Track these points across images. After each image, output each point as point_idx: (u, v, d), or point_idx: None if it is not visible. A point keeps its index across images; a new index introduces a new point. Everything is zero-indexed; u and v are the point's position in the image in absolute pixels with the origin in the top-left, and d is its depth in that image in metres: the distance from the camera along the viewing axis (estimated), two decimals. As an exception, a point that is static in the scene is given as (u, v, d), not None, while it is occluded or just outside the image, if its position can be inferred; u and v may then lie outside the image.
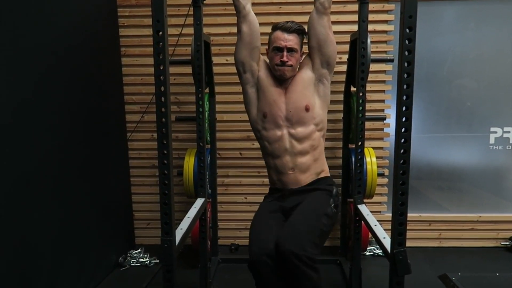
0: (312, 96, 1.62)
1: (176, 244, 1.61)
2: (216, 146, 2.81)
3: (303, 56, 1.69)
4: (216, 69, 2.77)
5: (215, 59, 2.73)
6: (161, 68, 1.44)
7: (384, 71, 2.87)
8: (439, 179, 3.08)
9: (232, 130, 2.94)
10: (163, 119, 1.48)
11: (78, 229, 2.27)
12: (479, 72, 2.93)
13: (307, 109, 1.60)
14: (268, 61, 1.68)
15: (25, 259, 1.82)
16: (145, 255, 2.88)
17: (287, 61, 1.59)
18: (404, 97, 1.43)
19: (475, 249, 3.01)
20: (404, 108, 1.43)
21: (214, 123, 2.71)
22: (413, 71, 1.41)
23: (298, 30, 1.65)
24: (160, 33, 1.42)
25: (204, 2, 2.28)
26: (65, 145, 2.15)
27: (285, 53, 1.60)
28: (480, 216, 3.01)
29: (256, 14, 2.78)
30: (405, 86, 1.42)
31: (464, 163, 3.02)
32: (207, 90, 2.67)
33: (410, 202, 1.46)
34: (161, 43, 1.42)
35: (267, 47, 1.70)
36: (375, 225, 1.93)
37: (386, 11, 2.80)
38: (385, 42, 2.84)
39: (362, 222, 2.22)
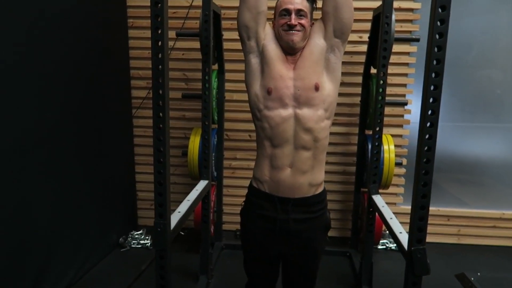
0: (322, 73, 1.41)
1: (172, 228, 1.48)
2: (224, 127, 2.66)
3: (314, 24, 1.50)
4: (226, 45, 2.59)
5: (226, 34, 2.56)
6: (159, 32, 1.28)
7: (407, 53, 2.66)
8: (461, 172, 2.88)
9: (241, 110, 2.78)
10: (160, 91, 1.33)
11: (76, 205, 2.17)
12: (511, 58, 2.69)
13: (316, 88, 1.39)
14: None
15: (21, 232, 1.73)
16: (147, 237, 2.78)
17: (296, 25, 1.39)
18: (432, 87, 1.26)
19: (497, 248, 2.82)
20: (431, 100, 1.26)
21: (222, 102, 2.55)
22: (444, 57, 1.23)
23: None
24: (159, 5, 1.26)
25: (215, -31, 2.11)
26: (66, 118, 2.04)
27: (293, 15, 1.40)
28: (503, 213, 2.80)
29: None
30: (433, 75, 1.25)
31: (488, 155, 2.81)
32: (216, 67, 2.52)
33: None
34: (160, 17, 1.27)
35: (272, 20, 1.53)
36: (391, 218, 1.77)
37: (413, -13, 2.58)
38: (410, 21, 2.62)
39: (376, 213, 2.06)
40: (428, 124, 1.28)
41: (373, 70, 2.45)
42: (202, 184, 2.08)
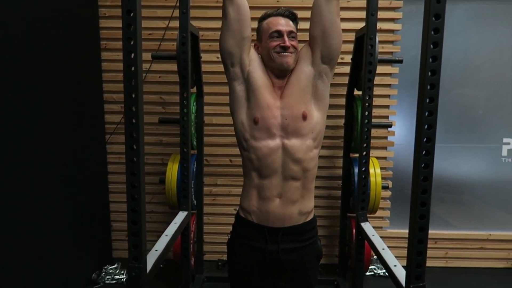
0: (309, 101, 1.33)
1: (148, 271, 1.33)
2: (204, 152, 2.54)
3: (300, 50, 1.43)
4: (205, 67, 2.50)
5: (204, 56, 2.47)
6: (132, 56, 1.17)
7: (389, 74, 2.63)
8: (447, 193, 2.84)
9: (221, 134, 2.67)
10: (134, 120, 1.20)
11: (45, 237, 1.98)
12: (493, 78, 2.69)
13: (304, 117, 1.31)
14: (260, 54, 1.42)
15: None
16: (122, 271, 2.59)
17: (289, 46, 1.31)
18: (427, 114, 1.18)
19: (484, 270, 2.77)
20: (426, 127, 1.18)
21: (201, 126, 2.44)
22: (439, 80, 1.16)
23: (293, 16, 1.39)
24: (132, 14, 1.15)
25: (193, -11, 2.02)
26: (35, 146, 1.88)
27: (285, 37, 1.33)
28: (490, 234, 2.76)
29: (251, 8, 2.56)
30: (427, 100, 1.17)
31: (474, 176, 2.78)
32: (194, 90, 2.41)
33: None
34: (132, 26, 1.16)
35: (256, 43, 1.44)
36: (383, 249, 1.67)
37: (393, 9, 2.56)
38: (391, 42, 2.60)
39: (366, 241, 1.97)
40: (424, 152, 1.20)
41: (357, 92, 2.39)
42: (181, 216, 1.94)
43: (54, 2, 2.05)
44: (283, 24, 1.35)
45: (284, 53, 1.32)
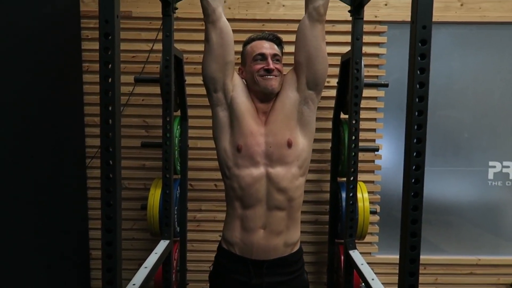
0: (295, 127, 1.29)
1: (124, 308, 1.24)
2: (188, 177, 2.46)
3: (286, 75, 1.40)
4: (189, 90, 2.46)
5: (189, 79, 2.42)
6: (110, 81, 1.11)
7: (375, 98, 2.62)
8: (435, 217, 2.80)
9: (206, 158, 2.60)
10: (111, 148, 1.14)
11: (20, 268, 1.86)
12: (477, 101, 2.71)
13: (289, 145, 1.27)
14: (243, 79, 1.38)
15: None
16: (100, 303, 2.46)
17: (273, 69, 1.28)
18: (415, 140, 1.15)
19: (474, 296, 2.72)
20: (415, 154, 1.15)
21: (186, 150, 2.38)
22: (427, 106, 1.14)
23: (277, 40, 1.37)
24: (110, 37, 1.10)
25: (176, 12, 1.99)
26: (10, 169, 1.79)
27: (269, 60, 1.30)
28: (479, 259, 2.72)
29: (236, 31, 2.55)
30: (416, 127, 1.15)
31: (462, 199, 2.76)
32: (178, 113, 2.36)
33: None
34: (110, 50, 1.10)
35: (240, 67, 1.41)
36: (373, 279, 1.61)
37: (378, 33, 2.58)
38: (376, 66, 2.60)
39: (355, 270, 1.90)
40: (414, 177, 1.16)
41: (343, 116, 2.37)
42: (162, 245, 1.86)
43: (34, 23, 1.99)
44: (267, 47, 1.33)
45: (268, 76, 1.28)
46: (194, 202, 2.64)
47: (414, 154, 1.15)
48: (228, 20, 1.35)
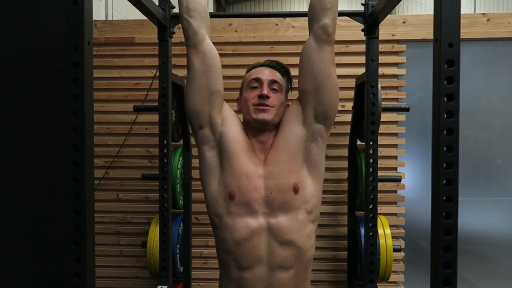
0: (301, 169, 1.07)
1: None
2: (192, 210, 2.29)
3: (289, 106, 1.21)
4: (193, 118, 2.30)
5: (193, 106, 2.28)
6: (78, 116, 0.96)
7: (395, 122, 2.40)
8: (466, 249, 2.52)
9: (213, 190, 2.42)
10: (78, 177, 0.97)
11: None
12: (507, 123, 2.46)
13: (295, 190, 1.05)
14: (238, 109, 1.20)
15: None
16: None
17: (268, 96, 1.09)
18: (445, 165, 0.93)
19: None
20: (445, 182, 0.94)
21: (189, 182, 2.21)
22: (457, 140, 0.93)
23: (282, 69, 1.18)
24: (80, 67, 0.95)
25: (176, 37, 1.86)
26: (13, 201, 1.66)
27: (265, 86, 1.11)
28: (519, 300, 2.41)
29: (243, 55, 2.40)
30: (445, 148, 0.94)
31: (495, 231, 2.48)
32: (181, 143, 2.20)
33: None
34: (79, 83, 0.95)
35: (238, 98, 1.23)
36: None
37: (396, 53, 2.39)
38: (396, 88, 2.40)
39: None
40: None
41: (360, 143, 2.17)
42: (159, 292, 1.67)
43: (27, 52, 1.90)
44: (266, 73, 1.14)
45: (261, 107, 1.09)
46: (200, 237, 2.45)
47: (444, 182, 0.93)
48: (235, 43, 1.19)
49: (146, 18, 1.60)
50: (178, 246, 2.09)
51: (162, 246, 1.75)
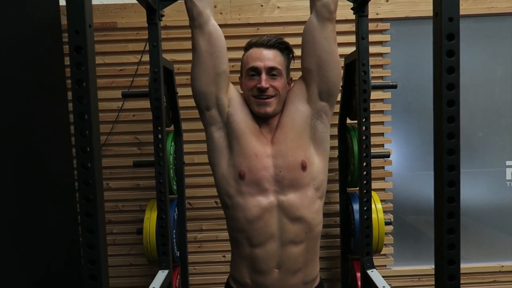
0: (308, 146, 1.10)
1: None
2: (185, 195, 2.29)
3: (292, 84, 1.21)
4: (182, 102, 2.28)
5: (181, 91, 2.25)
6: (85, 102, 0.94)
7: (381, 100, 2.45)
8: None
9: (204, 174, 2.42)
10: (88, 164, 0.96)
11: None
12: (488, 98, 2.55)
13: (303, 167, 1.08)
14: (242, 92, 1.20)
15: None
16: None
17: (267, 88, 1.09)
18: (447, 136, 0.97)
19: (499, 304, 2.54)
20: (447, 152, 0.98)
21: (182, 167, 2.20)
22: (459, 112, 0.97)
23: (280, 45, 1.17)
24: (82, 50, 0.93)
25: (164, 20, 1.83)
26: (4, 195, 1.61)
27: (263, 75, 1.10)
28: (502, 266, 2.55)
29: (228, 37, 2.37)
30: (447, 120, 0.97)
31: (479, 202, 2.59)
32: (171, 128, 2.19)
33: (420, 250, 1.01)
34: (83, 67, 0.93)
35: (239, 75, 1.23)
36: (398, 306, 1.43)
37: (381, 31, 2.42)
38: (381, 66, 2.44)
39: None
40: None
41: (349, 121, 2.21)
42: (161, 277, 1.68)
43: (11, 40, 1.82)
44: (264, 57, 1.12)
45: (261, 100, 1.09)
46: (194, 222, 2.46)
47: (446, 151, 0.97)
48: (220, 26, 1.17)
49: (126, 2, 1.55)
50: (174, 231, 2.09)
51: (161, 231, 1.75)
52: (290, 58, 1.21)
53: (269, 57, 1.13)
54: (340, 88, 2.16)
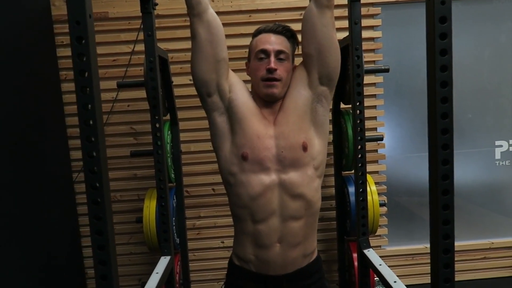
0: (309, 128, 1.16)
1: None
2: (183, 183, 2.31)
3: (295, 70, 1.25)
4: (177, 91, 2.30)
5: (176, 79, 2.27)
6: (88, 92, 0.95)
7: (374, 84, 2.49)
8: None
9: (201, 162, 2.45)
10: (94, 153, 0.98)
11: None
12: (477, 79, 2.60)
13: (304, 148, 1.13)
14: (248, 76, 1.23)
15: None
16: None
17: (276, 69, 1.13)
18: (441, 116, 1.01)
19: (489, 280, 2.63)
20: (441, 131, 1.02)
21: (179, 156, 2.22)
22: (451, 93, 1.00)
23: (287, 33, 1.21)
24: (84, 40, 0.94)
25: (157, 8, 1.83)
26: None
27: (272, 58, 1.14)
28: (492, 243, 2.63)
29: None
30: (440, 101, 1.01)
31: (469, 181, 2.66)
32: (168, 117, 2.20)
33: (413, 230, 1.07)
34: (85, 57, 0.95)
35: (246, 62, 1.26)
36: (395, 282, 1.49)
37: (372, 16, 2.44)
38: (372, 50, 2.47)
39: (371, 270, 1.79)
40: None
41: (343, 106, 2.24)
42: (163, 263, 1.71)
43: (1, 34, 1.81)
44: (273, 41, 1.16)
45: (270, 82, 1.13)
46: (192, 209, 2.50)
47: (440, 131, 1.02)
48: None
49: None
50: (173, 218, 2.12)
51: (162, 218, 1.78)
52: (295, 45, 1.25)
53: (278, 41, 1.19)
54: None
